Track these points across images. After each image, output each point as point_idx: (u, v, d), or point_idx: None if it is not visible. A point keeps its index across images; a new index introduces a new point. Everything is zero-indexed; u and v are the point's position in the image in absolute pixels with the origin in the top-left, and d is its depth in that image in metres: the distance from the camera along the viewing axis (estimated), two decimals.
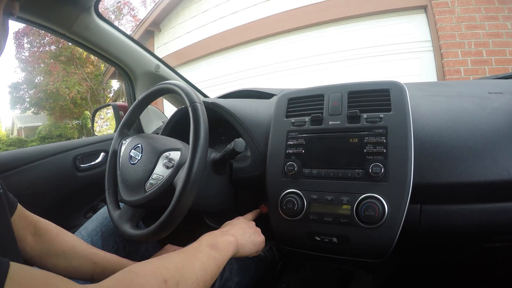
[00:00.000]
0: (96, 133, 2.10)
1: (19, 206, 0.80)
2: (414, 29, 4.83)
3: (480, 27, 4.27)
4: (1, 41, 0.48)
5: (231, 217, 1.19)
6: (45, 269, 0.82)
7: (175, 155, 0.87)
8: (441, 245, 1.00)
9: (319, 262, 1.13)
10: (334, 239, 0.87)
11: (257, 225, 0.98)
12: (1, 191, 0.67)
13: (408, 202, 0.81)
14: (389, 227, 0.81)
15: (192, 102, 0.83)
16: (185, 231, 1.02)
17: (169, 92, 0.96)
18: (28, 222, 0.82)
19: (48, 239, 0.84)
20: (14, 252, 0.66)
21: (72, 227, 1.39)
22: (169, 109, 4.99)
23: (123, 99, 13.15)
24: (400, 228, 0.81)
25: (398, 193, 0.81)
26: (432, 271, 1.32)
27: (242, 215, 1.05)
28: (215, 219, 1.28)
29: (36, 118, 19.31)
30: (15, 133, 23.69)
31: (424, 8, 4.72)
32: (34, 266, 0.88)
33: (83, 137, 15.81)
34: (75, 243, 0.88)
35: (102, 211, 1.14)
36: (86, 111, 15.38)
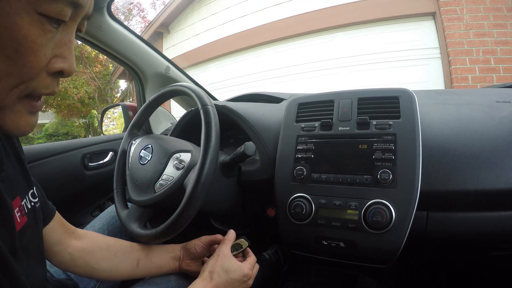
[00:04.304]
0: (103, 133, 2.11)
1: (57, 213, 0.82)
2: (422, 35, 4.81)
3: (489, 34, 4.25)
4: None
5: (237, 219, 1.20)
6: (89, 266, 0.85)
7: (186, 157, 0.88)
8: (446, 252, 1.01)
9: (324, 266, 1.13)
10: (341, 244, 0.87)
11: (262, 229, 0.99)
12: (38, 204, 0.68)
13: (415, 208, 0.81)
14: (396, 233, 0.81)
15: (204, 105, 0.84)
16: (191, 233, 1.02)
17: (181, 94, 0.96)
18: (67, 229, 0.85)
19: (90, 238, 0.88)
20: (40, 262, 0.67)
21: (78, 225, 1.39)
22: (176, 110, 5.00)
23: (131, 99, 13.18)
24: (407, 234, 0.81)
25: (405, 199, 0.82)
26: (436, 278, 1.32)
27: (249, 217, 1.05)
28: (221, 221, 1.29)
29: (43, 116, 19.35)
30: None
31: (432, 15, 4.71)
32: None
33: (90, 135, 15.86)
34: (116, 238, 0.94)
35: (109, 210, 1.15)
36: (93, 110, 15.41)
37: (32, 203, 0.65)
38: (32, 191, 0.67)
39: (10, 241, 0.51)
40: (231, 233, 0.93)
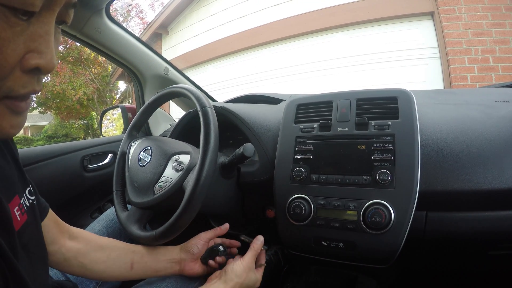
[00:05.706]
0: (102, 134, 2.11)
1: (50, 210, 0.80)
2: (421, 35, 4.82)
3: (487, 34, 4.25)
4: (56, 50, 0.45)
5: (237, 220, 1.20)
6: (83, 267, 0.83)
7: (185, 159, 0.88)
8: (445, 251, 1.00)
9: (324, 267, 1.13)
10: (341, 244, 0.87)
11: (262, 231, 1.00)
12: (34, 198, 0.67)
13: (414, 208, 0.82)
14: (395, 233, 0.81)
15: (203, 107, 0.84)
16: (190, 234, 1.02)
17: (179, 96, 0.96)
18: (61, 228, 0.83)
19: (84, 239, 0.86)
20: (41, 260, 0.66)
21: (78, 227, 1.40)
22: (175, 111, 4.99)
23: (130, 100, 13.17)
24: (406, 234, 0.81)
25: (404, 199, 0.82)
26: (436, 277, 1.32)
27: (248, 219, 1.05)
28: (221, 222, 1.29)
29: (42, 117, 19.36)
30: (21, 131, 23.75)
31: (431, 14, 4.71)
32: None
33: (89, 137, 15.85)
34: (110, 238, 0.92)
35: (109, 212, 1.15)
36: (92, 112, 15.41)
37: (30, 201, 0.64)
38: (28, 188, 0.66)
39: (9, 240, 0.50)
40: (260, 242, 0.94)
